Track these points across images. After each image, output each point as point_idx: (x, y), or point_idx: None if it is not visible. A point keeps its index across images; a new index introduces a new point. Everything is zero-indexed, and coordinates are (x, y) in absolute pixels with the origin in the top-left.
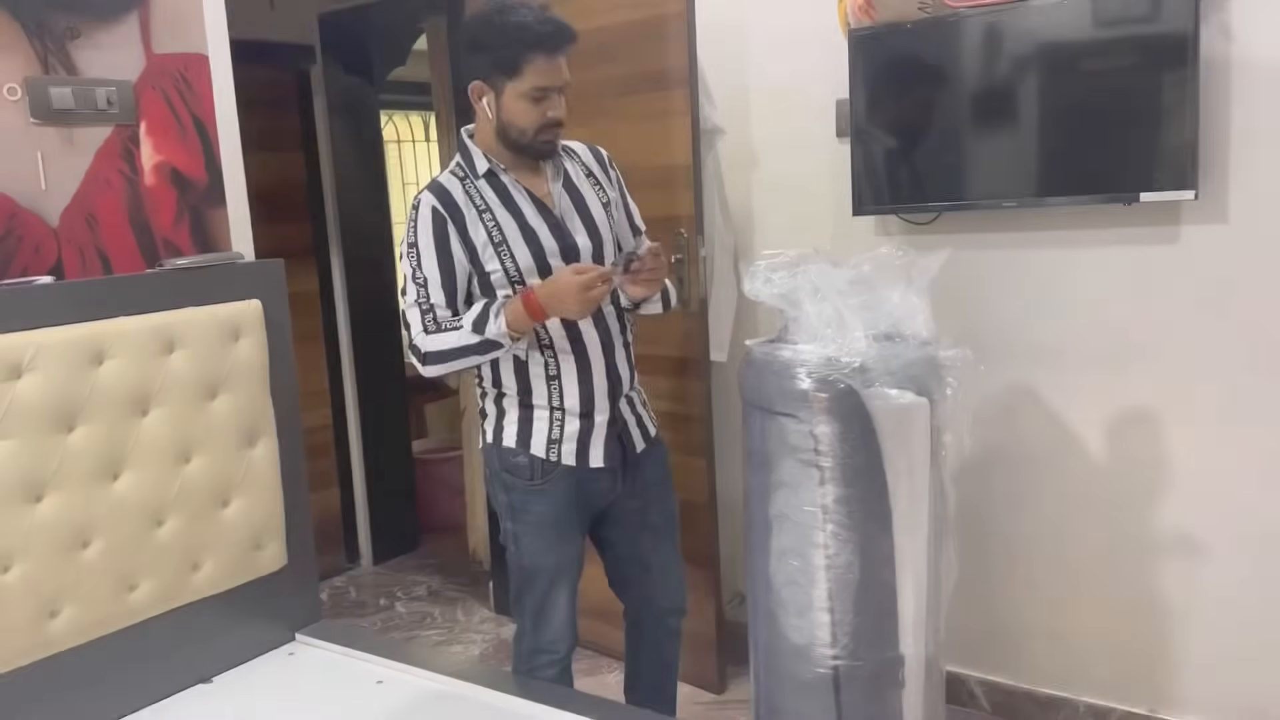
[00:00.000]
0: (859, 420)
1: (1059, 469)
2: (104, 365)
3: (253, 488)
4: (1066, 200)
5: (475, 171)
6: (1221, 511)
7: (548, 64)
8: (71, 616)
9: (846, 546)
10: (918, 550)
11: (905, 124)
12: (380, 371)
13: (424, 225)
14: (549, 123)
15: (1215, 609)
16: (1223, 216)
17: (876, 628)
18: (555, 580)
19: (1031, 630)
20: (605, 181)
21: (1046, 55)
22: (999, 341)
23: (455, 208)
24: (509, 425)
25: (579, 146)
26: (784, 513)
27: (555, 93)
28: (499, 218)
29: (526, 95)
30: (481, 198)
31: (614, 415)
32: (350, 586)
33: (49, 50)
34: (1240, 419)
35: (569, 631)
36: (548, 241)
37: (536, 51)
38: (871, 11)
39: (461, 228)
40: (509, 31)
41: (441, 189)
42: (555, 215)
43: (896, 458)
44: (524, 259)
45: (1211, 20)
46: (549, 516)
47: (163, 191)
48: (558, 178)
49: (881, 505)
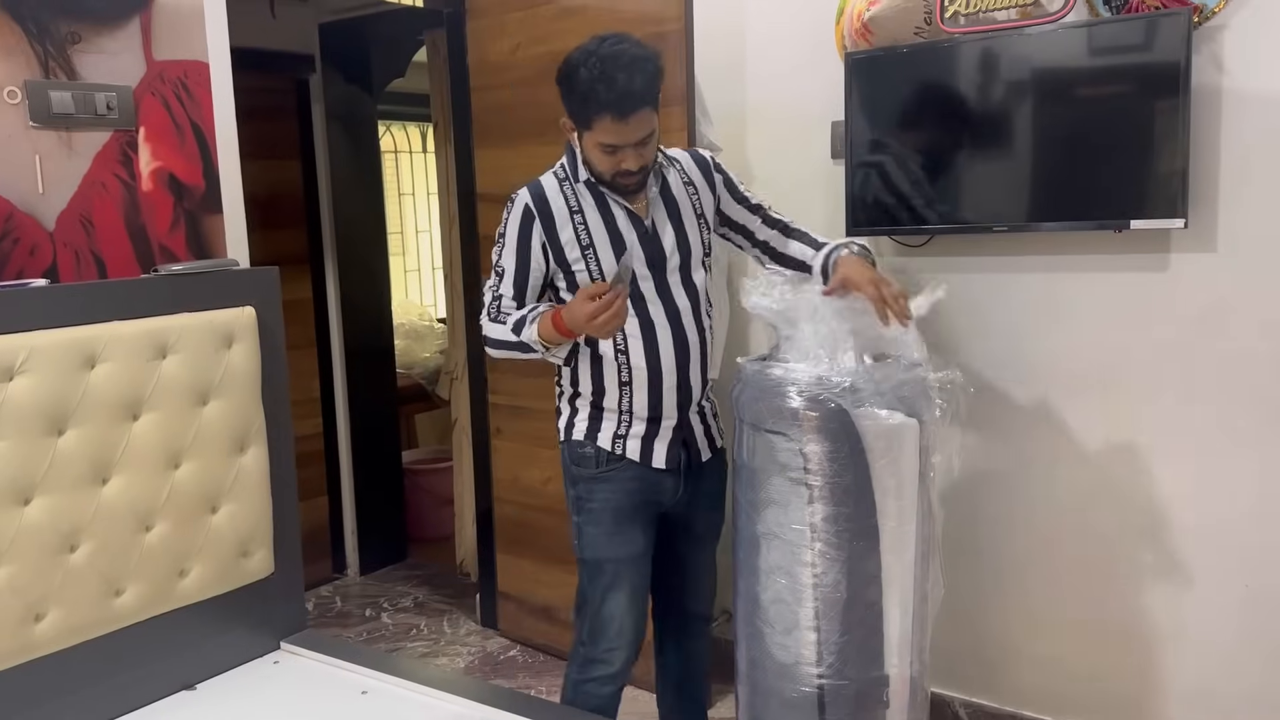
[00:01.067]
0: (848, 440)
1: (1048, 492)
2: (96, 369)
3: (242, 494)
4: (1057, 226)
5: (576, 176)
6: (1211, 538)
7: (615, 124)
8: (57, 620)
9: (834, 565)
10: (905, 570)
11: (899, 147)
12: (371, 381)
13: (514, 220)
14: (623, 173)
15: (1203, 635)
16: (1212, 245)
17: (862, 647)
18: (618, 577)
19: (1018, 653)
20: (705, 189)
21: (1040, 82)
22: (990, 364)
23: (547, 207)
24: (580, 422)
25: (681, 155)
26: (772, 530)
27: (629, 148)
28: (589, 220)
29: (599, 147)
30: (577, 200)
31: (681, 421)
32: (336, 596)
33: (50, 55)
34: (1229, 446)
35: (626, 644)
36: (635, 250)
37: (603, 113)
38: (868, 35)
39: (550, 227)
40: (579, 89)
41: (539, 188)
42: (645, 224)
43: (885, 478)
44: (608, 262)
45: (1203, 50)
46: (610, 506)
47: (160, 197)
48: (654, 185)
49: (869, 525)
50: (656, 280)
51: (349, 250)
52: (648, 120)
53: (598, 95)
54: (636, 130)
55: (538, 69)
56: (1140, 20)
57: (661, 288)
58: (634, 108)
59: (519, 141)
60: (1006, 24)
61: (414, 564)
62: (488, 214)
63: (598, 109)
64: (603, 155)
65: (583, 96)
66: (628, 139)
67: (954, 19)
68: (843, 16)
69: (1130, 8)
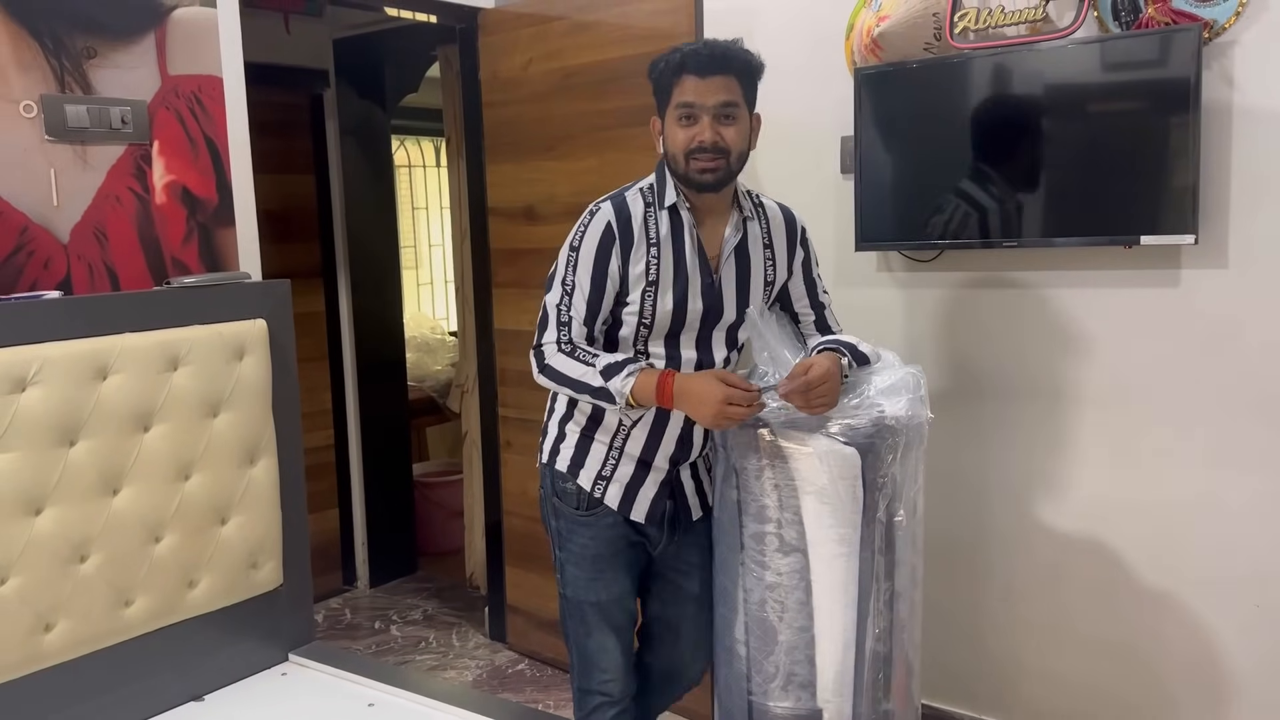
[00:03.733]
0: (770, 459)
1: (1055, 508)
2: (108, 380)
3: (251, 506)
4: (1067, 241)
5: (662, 201)
6: (1219, 556)
7: (697, 83)
8: (66, 630)
9: (758, 585)
10: (844, 605)
11: (909, 162)
12: (383, 394)
13: (591, 236)
14: (698, 147)
15: (1214, 654)
16: (1223, 261)
17: (790, 674)
18: (600, 619)
19: (1025, 670)
20: (783, 256)
21: (1049, 98)
22: (998, 379)
23: (629, 231)
24: (565, 449)
25: (775, 210)
26: (719, 539)
27: (705, 113)
28: (662, 257)
29: (676, 119)
30: (656, 231)
31: (671, 475)
32: (346, 609)
33: (66, 69)
34: (1238, 463)
35: (621, 675)
36: (694, 301)
37: (685, 72)
38: (878, 51)
39: (626, 253)
40: (668, 57)
41: (623, 206)
42: (713, 276)
43: (816, 505)
44: (664, 306)
45: (1214, 67)
46: (590, 550)
47: (173, 210)
48: (735, 236)
49: (796, 549)
50: (702, 332)
51: (361, 264)
52: (731, 89)
53: (683, 54)
54: (717, 92)
55: (549, 84)
56: (1151, 36)
57: (702, 340)
58: (718, 69)
59: (529, 157)
60: (1016, 40)
61: (424, 577)
62: (498, 229)
63: (680, 68)
64: (679, 130)
65: (669, 64)
66: (706, 98)
67: (963, 35)
68: (852, 32)
69: (1140, 23)
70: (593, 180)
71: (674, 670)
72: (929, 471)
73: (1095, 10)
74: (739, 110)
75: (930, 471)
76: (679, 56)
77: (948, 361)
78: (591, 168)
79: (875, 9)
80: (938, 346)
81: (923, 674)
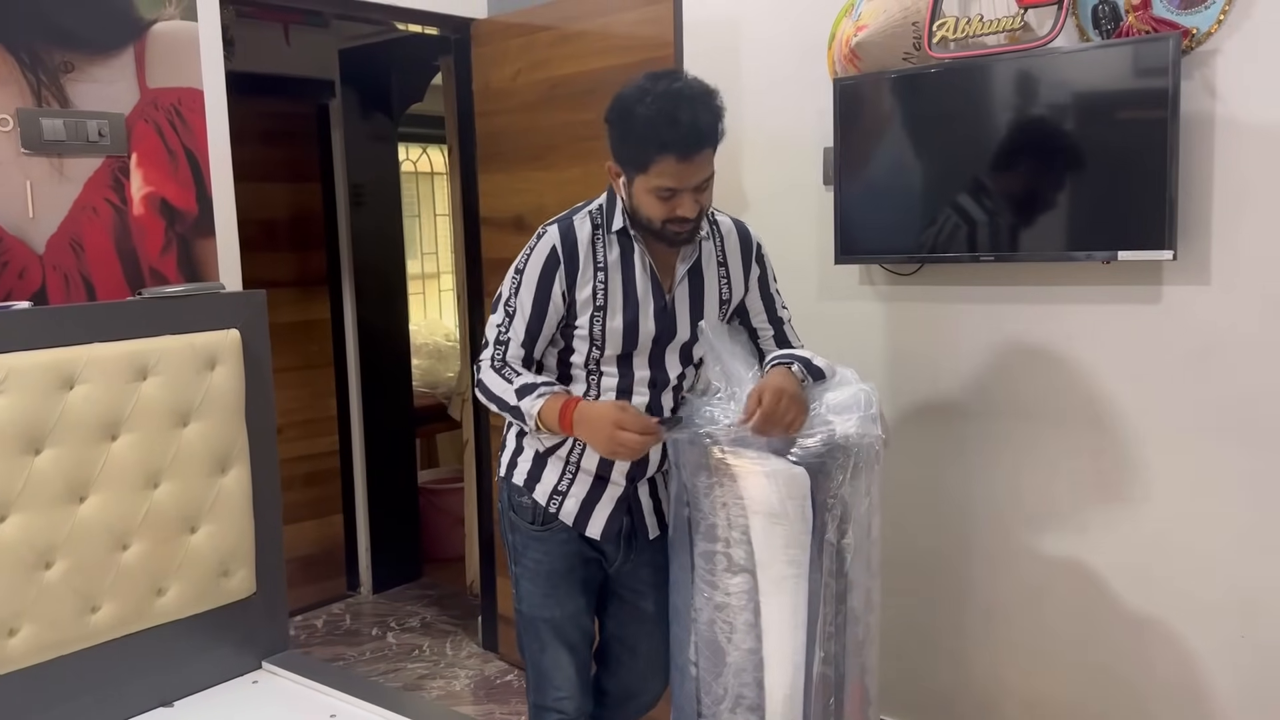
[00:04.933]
0: (719, 478)
1: (1035, 529)
2: (74, 390)
3: (222, 515)
4: (1044, 255)
5: (610, 224)
6: (1200, 578)
7: (678, 166)
8: (30, 635)
9: (707, 604)
10: (792, 628)
11: (888, 173)
12: (387, 400)
13: (535, 260)
14: (677, 219)
15: (1195, 678)
16: (1204, 278)
17: (739, 697)
18: (554, 636)
19: (1007, 693)
20: (739, 273)
21: (1028, 108)
22: (979, 395)
23: (574, 257)
24: (523, 462)
25: (729, 228)
26: (672, 557)
27: (687, 192)
28: (610, 282)
29: (654, 192)
30: (604, 256)
31: (629, 491)
32: (347, 614)
33: (43, 83)
34: (1220, 484)
35: (576, 692)
36: (645, 323)
37: (666, 153)
38: (857, 61)
39: (571, 278)
40: (638, 128)
41: (570, 231)
42: (665, 299)
43: (765, 526)
44: (613, 329)
45: (1195, 76)
46: (545, 566)
47: (151, 221)
48: (690, 258)
49: (744, 568)
50: (654, 352)
51: (367, 272)
52: (709, 161)
53: (660, 134)
54: (699, 171)
55: (537, 94)
56: (1128, 45)
57: (656, 359)
58: (699, 146)
59: (519, 166)
60: (995, 49)
61: (427, 584)
62: (491, 238)
63: (659, 149)
64: (656, 201)
65: (641, 137)
66: (688, 181)
67: (942, 44)
68: (834, 42)
69: (1121, 32)
70: (577, 190)
71: (631, 690)
72: (910, 489)
73: (1076, 18)
74: (712, 176)
75: (910, 489)
76: (657, 136)
77: (929, 376)
78: (575, 178)
79: (855, 18)
80: (919, 361)
81: (903, 694)
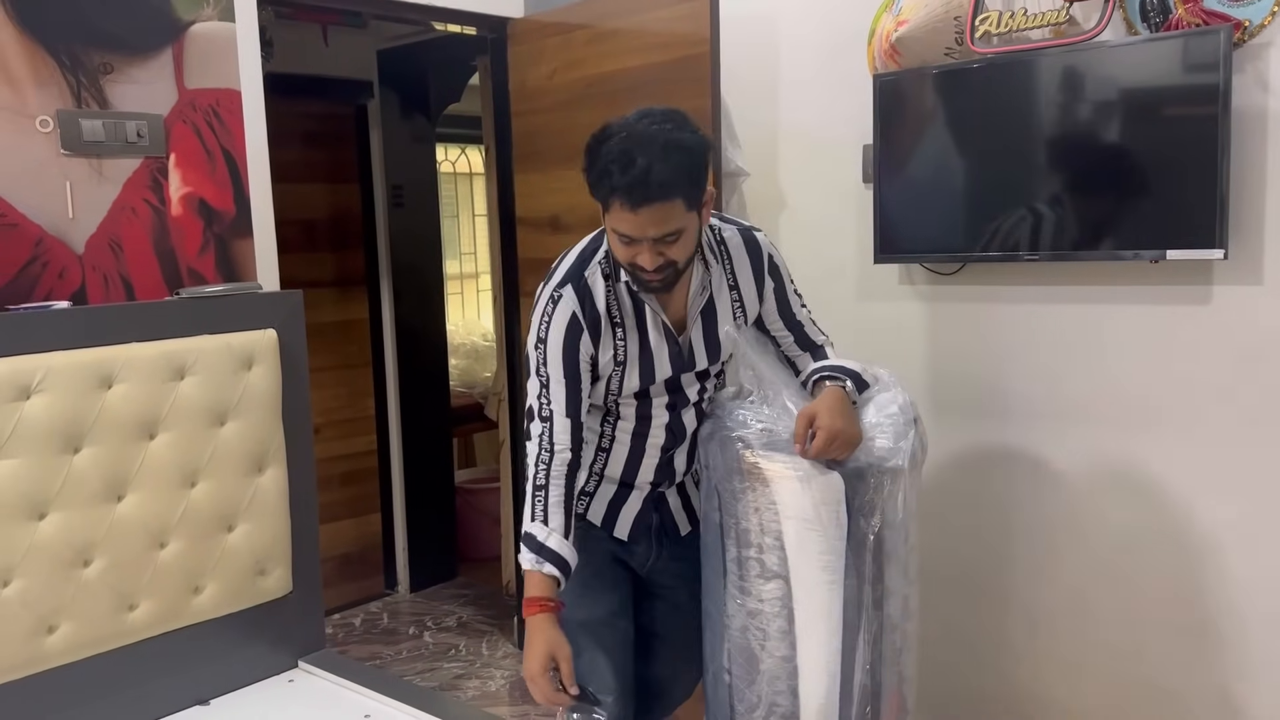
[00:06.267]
0: (751, 482)
1: (1080, 535)
2: (113, 389)
3: (259, 514)
4: (1090, 255)
5: (619, 274)
6: (1252, 588)
7: (626, 215)
8: (69, 633)
9: (740, 611)
10: (826, 634)
11: (929, 171)
12: (425, 400)
13: (557, 328)
14: (637, 268)
15: (1244, 694)
16: (1257, 278)
17: (772, 705)
18: (590, 639)
19: (1048, 705)
20: (750, 294)
21: (1074, 104)
22: (1020, 399)
23: (595, 322)
24: None
25: (738, 244)
26: (705, 561)
27: (645, 243)
28: (628, 338)
29: (615, 234)
30: (619, 312)
31: (655, 494)
32: (384, 613)
33: (83, 85)
34: (1274, 492)
35: (618, 696)
36: (661, 366)
37: (614, 198)
38: (897, 57)
39: (595, 342)
40: (597, 165)
41: (585, 292)
42: (679, 342)
43: (801, 530)
44: (631, 383)
45: (1247, 70)
46: (576, 566)
47: (189, 221)
48: (702, 297)
49: (777, 574)
50: (671, 383)
51: (404, 272)
52: (668, 217)
53: (610, 176)
54: (650, 225)
55: (573, 94)
56: (1178, 39)
57: (674, 386)
58: (646, 199)
59: (554, 166)
60: (1039, 44)
61: (464, 583)
62: (526, 238)
63: (609, 191)
64: (619, 244)
65: (597, 174)
66: (642, 232)
67: (985, 39)
68: (874, 37)
69: (1170, 25)
70: None
71: (663, 686)
72: (951, 494)
73: (1123, 11)
74: (684, 231)
75: (950, 495)
76: (608, 179)
77: (970, 378)
78: None
79: (895, 13)
80: (960, 363)
81: (941, 705)
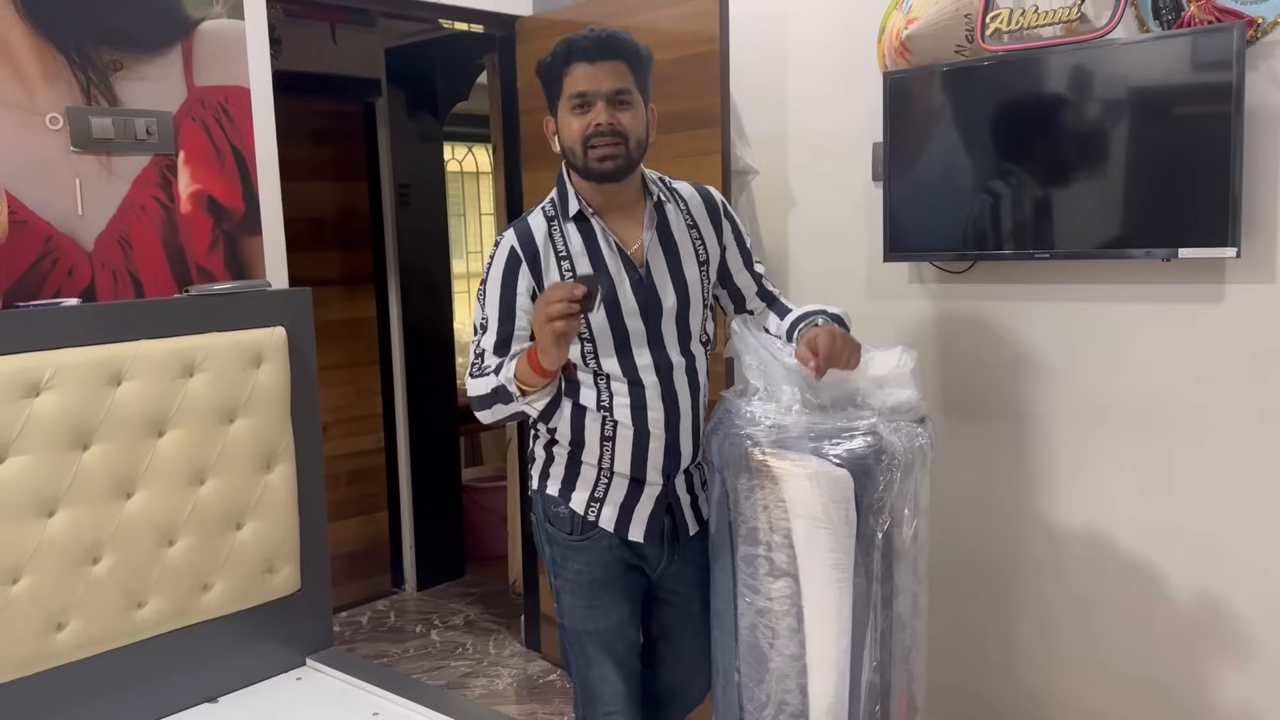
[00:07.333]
0: (758, 479)
1: (1091, 534)
2: (122, 386)
3: (268, 511)
4: (1101, 253)
5: (566, 213)
6: (1264, 590)
7: (588, 69)
8: (78, 630)
9: (749, 609)
10: (835, 634)
11: (938, 169)
12: (432, 399)
13: (497, 266)
14: (594, 132)
15: (1256, 698)
16: (1270, 276)
17: (780, 703)
18: (601, 649)
19: (1057, 705)
20: (710, 234)
21: (1085, 102)
22: (1030, 398)
23: (534, 250)
24: (555, 472)
25: (688, 191)
26: (713, 560)
27: (599, 99)
28: (578, 267)
29: (570, 108)
30: (565, 243)
31: (666, 490)
32: (391, 611)
33: (92, 82)
34: None
35: (626, 707)
36: (626, 299)
37: (574, 61)
38: (907, 55)
39: (536, 272)
40: (555, 49)
41: (525, 229)
42: (639, 271)
43: (810, 529)
44: (599, 316)
45: (1260, 67)
46: (586, 577)
47: (198, 219)
48: (652, 224)
49: (786, 573)
50: (650, 330)
51: (412, 271)
52: (622, 75)
53: (570, 45)
54: (605, 79)
55: None
56: (1190, 36)
57: (654, 338)
58: (604, 53)
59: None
60: (1050, 41)
61: (470, 582)
62: None
63: (567, 59)
64: (573, 118)
65: (555, 55)
66: (599, 85)
67: (995, 36)
68: (884, 35)
69: (1182, 22)
70: None
71: (676, 689)
72: (960, 493)
73: (1135, 9)
74: (633, 96)
75: (960, 493)
76: (566, 46)
77: (980, 377)
78: None
79: (905, 11)
80: (970, 361)
81: (951, 704)
